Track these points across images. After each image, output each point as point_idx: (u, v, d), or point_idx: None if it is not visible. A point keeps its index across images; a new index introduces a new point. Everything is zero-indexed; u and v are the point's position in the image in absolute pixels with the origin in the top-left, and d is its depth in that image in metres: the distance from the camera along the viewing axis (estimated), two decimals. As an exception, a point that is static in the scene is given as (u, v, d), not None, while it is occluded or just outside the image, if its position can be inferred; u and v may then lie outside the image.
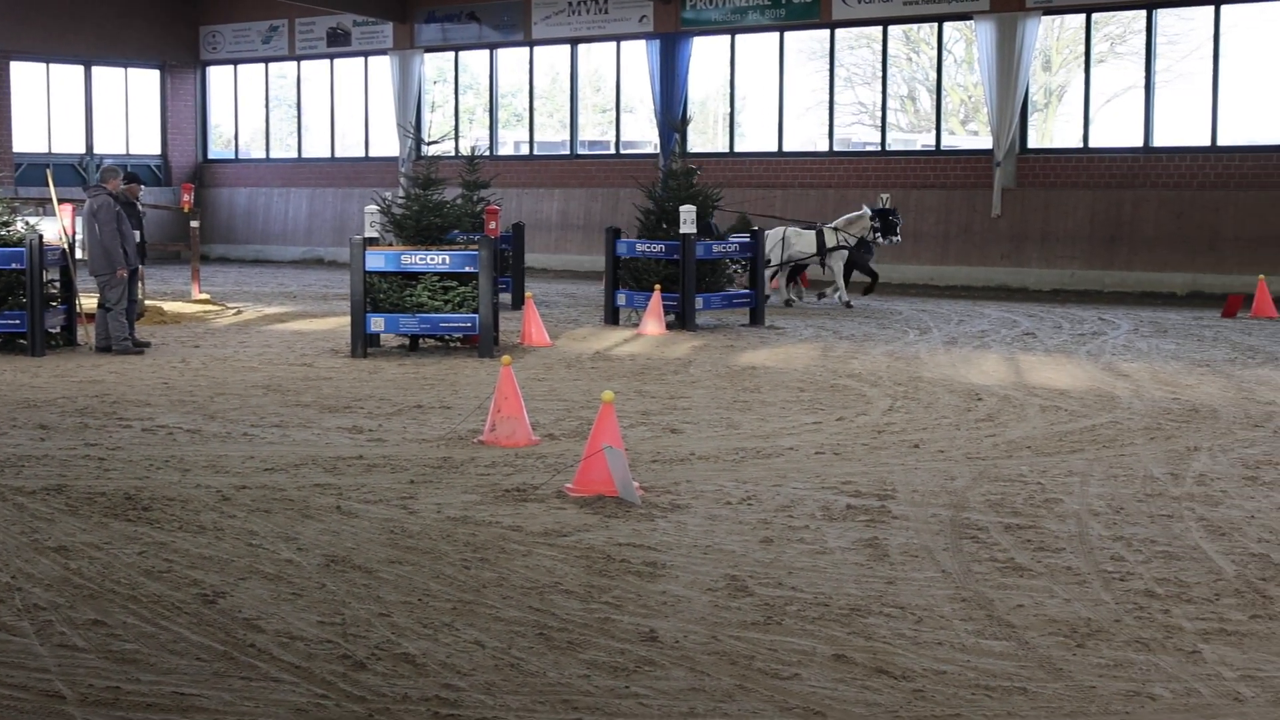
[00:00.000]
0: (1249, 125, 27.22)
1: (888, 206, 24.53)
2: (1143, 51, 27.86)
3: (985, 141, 29.95)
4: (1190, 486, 9.87)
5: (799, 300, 24.52)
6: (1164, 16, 27.94)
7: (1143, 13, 27.70)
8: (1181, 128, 27.49)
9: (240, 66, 39.82)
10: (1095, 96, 28.78)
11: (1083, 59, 28.83)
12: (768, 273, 24.06)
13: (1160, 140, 27.34)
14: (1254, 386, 14.68)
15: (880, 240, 24.02)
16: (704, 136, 34.99)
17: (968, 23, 29.40)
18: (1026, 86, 28.31)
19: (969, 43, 31.10)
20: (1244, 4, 26.45)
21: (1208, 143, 26.69)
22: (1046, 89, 33.13)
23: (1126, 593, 7.29)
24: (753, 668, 6.18)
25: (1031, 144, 29.13)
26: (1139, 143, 27.45)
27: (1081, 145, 28.39)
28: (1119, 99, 29.68)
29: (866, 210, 24.01)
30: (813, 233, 24.14)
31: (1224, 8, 26.47)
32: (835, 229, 23.99)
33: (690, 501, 9.40)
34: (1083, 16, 28.48)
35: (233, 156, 40.95)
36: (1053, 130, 32.73)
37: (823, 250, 23.96)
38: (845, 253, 23.94)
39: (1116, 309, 23.86)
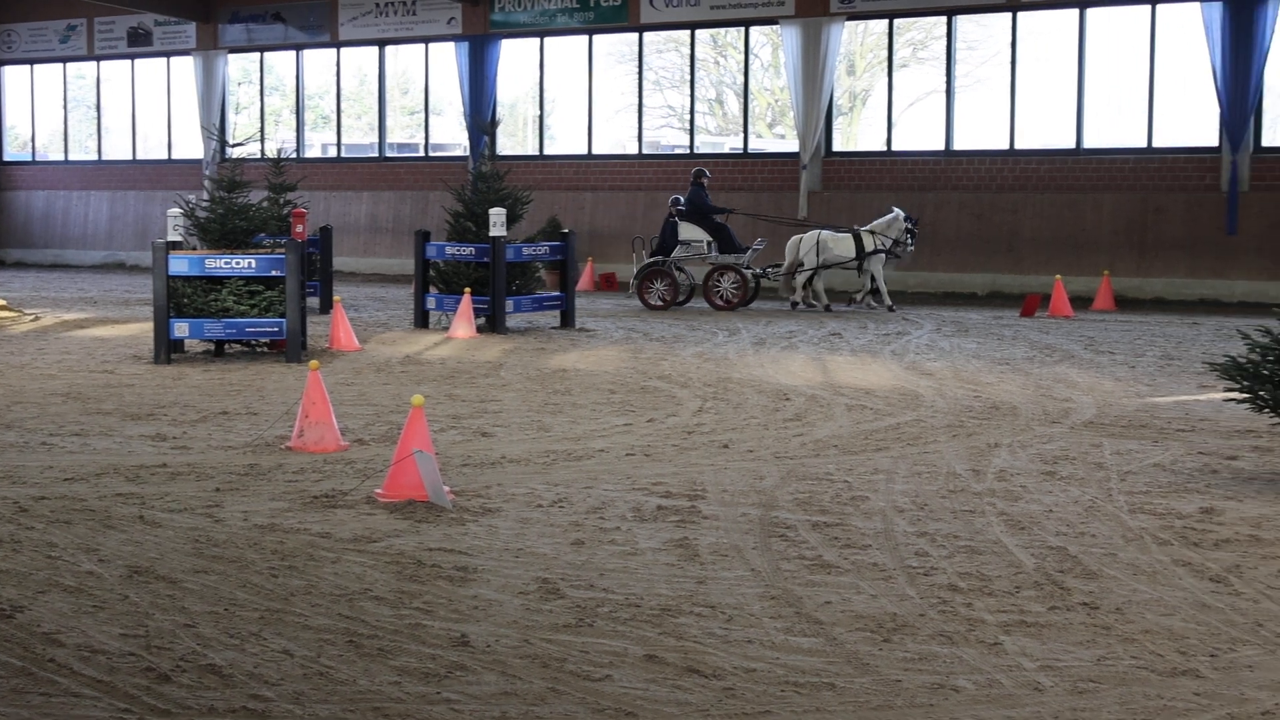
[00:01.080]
0: (1045, 129, 27.98)
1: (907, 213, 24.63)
2: (943, 57, 28.49)
3: (792, 145, 30.36)
4: (991, 482, 10.11)
5: (807, 304, 24.41)
6: (963, 23, 28.60)
7: (943, 19, 28.32)
8: (981, 131, 28.17)
9: (37, 66, 38.76)
10: (898, 100, 29.36)
11: (885, 64, 29.38)
12: (800, 278, 24.24)
13: (960, 144, 28.00)
14: (1051, 384, 15.09)
15: (911, 246, 24.04)
16: (514, 139, 34.93)
17: (774, 27, 29.78)
18: (831, 90, 28.77)
19: (775, 47, 31.50)
20: (1039, 11, 27.19)
21: (1006, 146, 27.39)
22: (851, 93, 33.66)
23: (931, 587, 7.44)
24: (565, 670, 6.19)
25: (836, 147, 29.61)
26: (940, 146, 28.08)
27: (885, 148, 28.94)
28: (921, 103, 30.29)
29: (899, 213, 23.96)
30: (850, 236, 24.10)
31: (1020, 15, 27.18)
32: (873, 233, 23.97)
33: (501, 505, 9.38)
34: (885, 22, 29.02)
35: (30, 158, 39.84)
36: (857, 134, 33.28)
37: (861, 254, 23.94)
38: (883, 256, 23.94)
39: (920, 309, 24.35)
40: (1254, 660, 6.34)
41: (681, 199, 24.97)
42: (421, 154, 34.41)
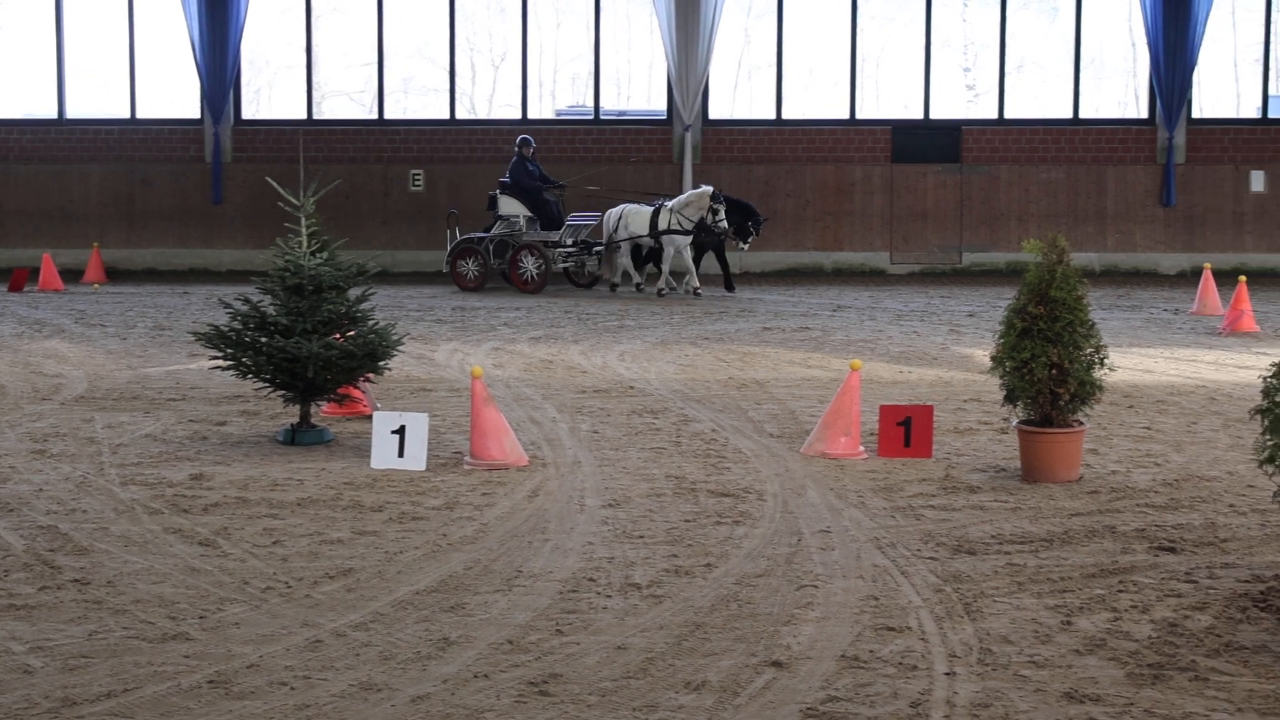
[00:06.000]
0: (27, 98, 27.24)
1: (750, 204, 21.83)
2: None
3: None
4: (-22, 465, 9.80)
5: (639, 286, 21.73)
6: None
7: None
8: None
9: None
10: None
11: None
12: (619, 256, 21.56)
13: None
14: (42, 360, 14.80)
15: (722, 226, 20.91)
16: None
17: None
18: None
19: None
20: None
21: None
22: None
23: (-89, 581, 7.13)
24: None
25: None
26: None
27: None
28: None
29: (707, 189, 21.09)
30: (649, 211, 21.23)
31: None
32: (671, 209, 21.06)
33: None
34: None
35: None
36: None
37: (655, 230, 21.11)
38: (684, 237, 21.03)
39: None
40: (241, 617, 6.64)
41: None
42: None
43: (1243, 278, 17.78)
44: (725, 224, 20.89)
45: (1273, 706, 5.60)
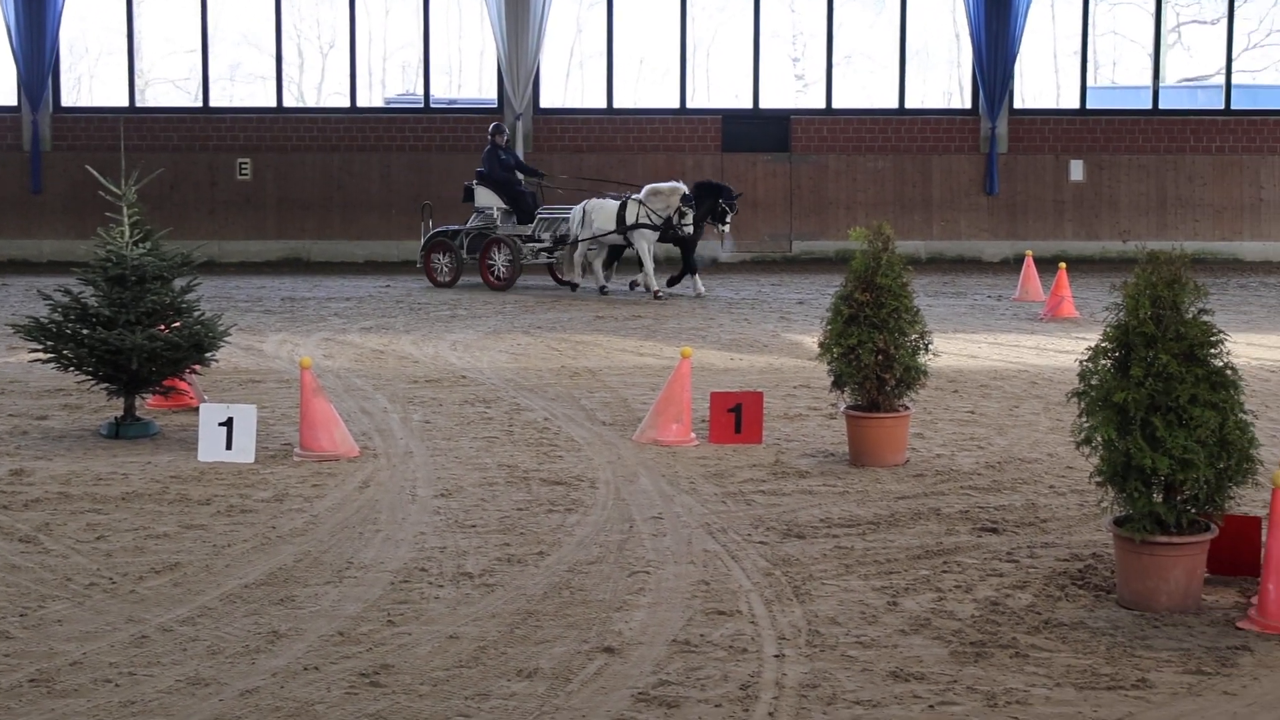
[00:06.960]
0: None
1: (720, 182, 20.51)
2: None
3: None
4: None
5: (603, 289, 20.24)
6: None
7: None
8: None
9: None
10: None
11: None
12: (577, 253, 20.06)
13: None
14: None
15: (687, 232, 19.58)
16: None
17: None
18: None
19: None
20: None
21: None
22: None
23: None
24: None
25: None
26: None
27: None
28: None
29: (680, 187, 19.62)
30: (614, 205, 19.74)
31: None
32: (640, 202, 19.57)
33: None
34: None
35: None
36: None
37: (622, 226, 19.58)
38: (652, 232, 19.54)
39: None
40: (63, 614, 6.51)
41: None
42: None
43: (1063, 265, 18.23)
44: (691, 229, 19.73)
45: (1089, 680, 5.77)
